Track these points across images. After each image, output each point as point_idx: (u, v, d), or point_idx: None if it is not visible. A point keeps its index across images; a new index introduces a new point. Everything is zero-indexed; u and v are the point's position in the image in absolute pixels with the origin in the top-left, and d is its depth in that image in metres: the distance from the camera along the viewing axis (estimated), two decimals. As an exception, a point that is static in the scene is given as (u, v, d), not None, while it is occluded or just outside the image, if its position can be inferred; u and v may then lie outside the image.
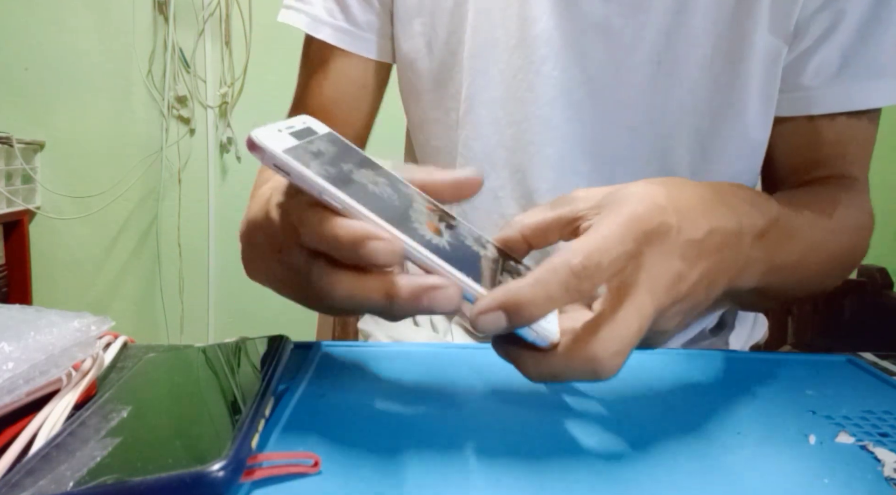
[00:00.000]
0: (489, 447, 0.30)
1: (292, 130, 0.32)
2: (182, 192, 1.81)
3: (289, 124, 0.33)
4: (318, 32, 0.59)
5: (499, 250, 0.33)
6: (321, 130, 0.34)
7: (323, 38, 0.59)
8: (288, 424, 0.32)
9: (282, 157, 0.29)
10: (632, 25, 0.51)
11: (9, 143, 1.61)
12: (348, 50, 0.59)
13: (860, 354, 0.45)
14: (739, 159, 0.56)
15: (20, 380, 0.30)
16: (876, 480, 0.28)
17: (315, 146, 0.32)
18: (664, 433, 0.32)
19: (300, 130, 0.32)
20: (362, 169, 0.32)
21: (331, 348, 0.43)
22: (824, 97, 0.54)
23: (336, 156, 0.32)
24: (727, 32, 0.51)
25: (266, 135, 0.30)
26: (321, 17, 0.59)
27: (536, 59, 0.53)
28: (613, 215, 0.30)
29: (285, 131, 0.31)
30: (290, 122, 0.33)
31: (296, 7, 0.59)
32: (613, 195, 0.32)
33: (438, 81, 0.58)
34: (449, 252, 0.29)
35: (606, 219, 0.30)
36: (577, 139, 0.55)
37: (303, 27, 0.59)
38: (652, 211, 0.30)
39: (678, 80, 0.52)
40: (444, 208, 0.33)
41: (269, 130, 0.31)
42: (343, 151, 0.33)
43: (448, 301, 0.27)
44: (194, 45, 1.75)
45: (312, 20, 0.59)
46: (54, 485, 0.23)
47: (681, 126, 0.54)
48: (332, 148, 0.32)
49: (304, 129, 0.33)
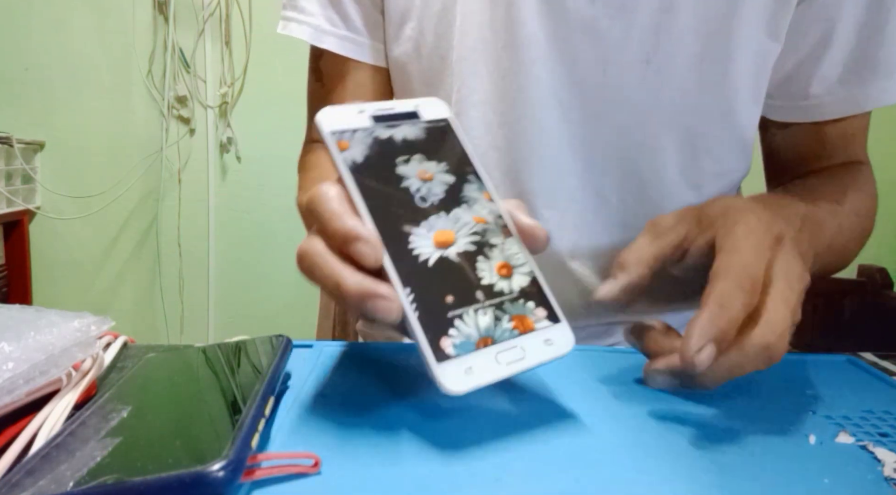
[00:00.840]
0: (489, 447, 0.30)
1: (380, 113, 0.33)
2: (182, 192, 1.81)
3: (387, 106, 0.33)
4: (321, 42, 0.59)
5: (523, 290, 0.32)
6: (430, 116, 0.34)
7: (327, 47, 0.59)
8: (288, 424, 0.32)
9: (326, 137, 0.31)
10: (619, 25, 0.51)
11: (9, 143, 1.61)
12: (354, 58, 0.59)
13: (860, 354, 0.45)
14: (728, 157, 0.57)
15: (20, 380, 0.30)
16: (876, 480, 0.28)
17: (382, 133, 0.32)
18: (663, 433, 0.32)
19: (393, 114, 0.33)
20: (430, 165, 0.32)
21: (331, 348, 0.43)
22: (831, 104, 0.56)
23: (404, 147, 0.32)
24: (715, 31, 0.51)
25: (332, 114, 0.31)
26: (323, 27, 0.59)
27: (526, 61, 0.53)
28: (741, 233, 0.35)
29: (369, 112, 0.32)
30: (391, 105, 0.33)
31: (297, 19, 0.59)
32: (717, 213, 0.37)
33: (428, 85, 0.59)
34: (426, 274, 0.30)
35: (737, 239, 0.34)
36: (568, 139, 0.55)
37: (306, 38, 0.59)
38: (769, 222, 0.36)
39: (667, 78, 0.52)
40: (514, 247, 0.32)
41: (344, 110, 0.32)
42: (424, 144, 0.33)
43: (387, 312, 0.28)
44: (194, 45, 1.75)
45: (315, 30, 0.59)
46: (54, 485, 0.23)
47: (670, 125, 0.54)
48: (410, 140, 0.33)
49: (402, 113, 0.33)
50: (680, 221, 0.38)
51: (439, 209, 0.32)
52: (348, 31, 0.59)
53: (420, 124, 0.34)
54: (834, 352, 0.45)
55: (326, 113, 0.32)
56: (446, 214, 0.32)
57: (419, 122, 0.34)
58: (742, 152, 0.57)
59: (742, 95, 0.54)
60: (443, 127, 0.34)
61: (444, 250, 0.31)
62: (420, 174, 0.32)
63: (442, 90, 0.58)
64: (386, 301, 0.28)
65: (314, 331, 0.90)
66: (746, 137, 0.56)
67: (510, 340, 0.30)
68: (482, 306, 0.30)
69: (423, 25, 0.56)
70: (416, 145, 0.33)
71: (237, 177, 1.82)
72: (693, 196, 0.57)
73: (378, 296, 0.28)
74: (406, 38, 0.58)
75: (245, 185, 1.82)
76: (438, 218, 0.31)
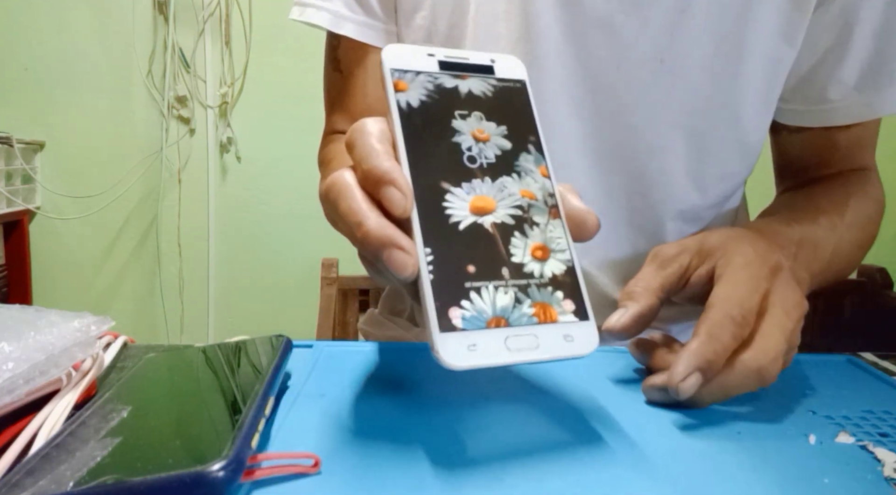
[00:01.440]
0: (489, 446, 0.30)
1: (451, 60, 0.31)
2: (182, 192, 1.81)
3: (460, 55, 0.31)
4: (340, 28, 0.58)
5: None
6: (505, 73, 0.32)
7: (345, 33, 0.58)
8: (288, 424, 0.32)
9: (386, 74, 0.29)
10: (634, 23, 0.51)
11: (9, 143, 1.61)
12: (373, 44, 0.58)
13: (860, 354, 0.45)
14: (733, 160, 0.56)
15: (20, 380, 0.30)
16: (876, 480, 0.28)
17: (448, 81, 0.30)
18: (664, 433, 0.32)
19: (465, 64, 0.31)
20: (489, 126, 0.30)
21: (331, 348, 0.43)
22: (847, 109, 0.55)
23: (463, 99, 0.30)
24: (729, 33, 0.51)
25: (399, 51, 0.29)
26: (342, 12, 0.58)
27: (540, 54, 0.53)
28: (738, 264, 0.37)
29: (439, 56, 0.30)
30: (465, 54, 0.31)
31: (315, 4, 0.58)
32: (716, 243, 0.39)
33: None
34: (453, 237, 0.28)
35: (734, 270, 0.36)
36: (578, 135, 0.55)
37: (325, 24, 0.58)
38: (765, 252, 0.38)
39: (679, 78, 0.52)
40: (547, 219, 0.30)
41: (412, 50, 0.30)
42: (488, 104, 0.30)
43: (402, 267, 0.26)
44: (194, 45, 1.75)
45: (334, 17, 0.57)
46: (54, 485, 0.23)
47: (679, 125, 0.54)
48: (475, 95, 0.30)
49: (474, 65, 0.31)
50: (682, 251, 0.39)
51: (486, 173, 0.29)
52: (367, 16, 0.58)
53: (491, 80, 0.32)
54: (834, 352, 0.45)
55: (392, 49, 0.30)
56: (492, 181, 0.29)
57: (491, 77, 0.31)
58: (745, 156, 0.57)
59: (750, 99, 0.53)
60: (516, 88, 0.32)
61: (479, 217, 0.28)
62: (476, 132, 0.30)
63: None
64: (404, 254, 0.26)
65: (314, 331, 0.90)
66: (751, 141, 0.56)
67: (526, 327, 0.27)
68: (505, 284, 0.28)
69: (436, 14, 0.56)
70: (481, 102, 0.31)
71: (237, 177, 1.82)
72: (698, 197, 0.57)
73: (398, 246, 0.26)
74: (417, 27, 0.57)
75: (245, 185, 1.82)
76: (483, 183, 0.29)
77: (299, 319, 1.81)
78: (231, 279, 1.86)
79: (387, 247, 0.26)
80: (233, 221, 1.84)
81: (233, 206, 1.83)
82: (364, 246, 0.27)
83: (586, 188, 0.56)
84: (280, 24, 1.74)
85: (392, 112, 0.29)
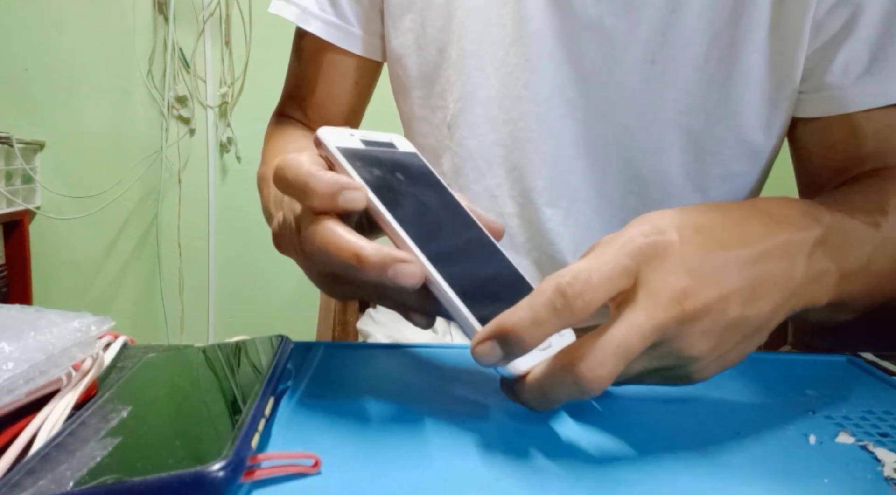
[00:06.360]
0: (489, 447, 0.30)
1: (367, 139, 0.35)
2: (182, 192, 1.81)
3: (370, 136, 0.36)
4: (306, 24, 0.59)
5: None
6: (403, 148, 0.37)
7: (311, 30, 0.59)
8: (288, 424, 0.32)
9: (335, 152, 0.32)
10: (624, 24, 0.51)
11: (9, 143, 1.61)
12: (336, 44, 0.60)
13: (860, 354, 0.45)
14: (735, 161, 0.56)
15: (20, 380, 0.30)
16: (876, 480, 0.28)
17: (376, 155, 0.34)
18: (664, 433, 0.32)
19: (376, 141, 0.36)
20: (419, 188, 0.34)
21: (331, 348, 0.43)
22: (859, 95, 0.51)
23: (394, 167, 0.34)
24: (723, 32, 0.51)
25: (331, 133, 0.33)
26: (311, 9, 0.59)
27: (533, 57, 0.53)
28: (609, 240, 0.30)
29: (357, 137, 0.35)
30: (373, 135, 0.36)
31: None
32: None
33: (426, 79, 0.59)
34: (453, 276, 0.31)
35: (602, 244, 0.30)
36: (573, 137, 0.55)
37: (292, 19, 0.60)
38: (646, 231, 0.30)
39: (672, 79, 0.52)
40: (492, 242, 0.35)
41: (339, 131, 0.34)
42: (406, 168, 0.35)
43: (411, 276, 0.29)
44: (194, 45, 1.75)
45: (302, 12, 0.59)
46: (54, 485, 0.23)
47: (674, 125, 0.54)
48: (396, 162, 0.35)
49: (382, 142, 0.36)
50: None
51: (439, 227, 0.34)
52: (336, 17, 0.59)
53: (398, 153, 0.37)
54: (834, 352, 0.45)
55: (328, 131, 0.33)
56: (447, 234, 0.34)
57: (397, 151, 0.37)
58: (749, 156, 0.56)
59: (748, 97, 0.53)
60: (416, 157, 0.37)
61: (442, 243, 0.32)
62: (418, 197, 0.34)
63: (438, 84, 0.58)
64: (408, 265, 0.29)
65: (314, 331, 0.90)
66: (753, 140, 0.55)
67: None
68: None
69: (425, 17, 0.56)
70: (406, 169, 0.35)
71: (237, 177, 1.82)
72: (699, 198, 0.56)
73: (399, 260, 0.29)
74: (405, 30, 0.58)
75: (245, 185, 1.82)
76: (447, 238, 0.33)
77: (299, 319, 1.81)
78: (231, 279, 1.86)
79: (390, 265, 0.28)
80: (233, 221, 1.84)
81: (233, 206, 1.83)
82: (365, 272, 0.29)
83: (581, 189, 0.56)
84: (280, 25, 1.72)
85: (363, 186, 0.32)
